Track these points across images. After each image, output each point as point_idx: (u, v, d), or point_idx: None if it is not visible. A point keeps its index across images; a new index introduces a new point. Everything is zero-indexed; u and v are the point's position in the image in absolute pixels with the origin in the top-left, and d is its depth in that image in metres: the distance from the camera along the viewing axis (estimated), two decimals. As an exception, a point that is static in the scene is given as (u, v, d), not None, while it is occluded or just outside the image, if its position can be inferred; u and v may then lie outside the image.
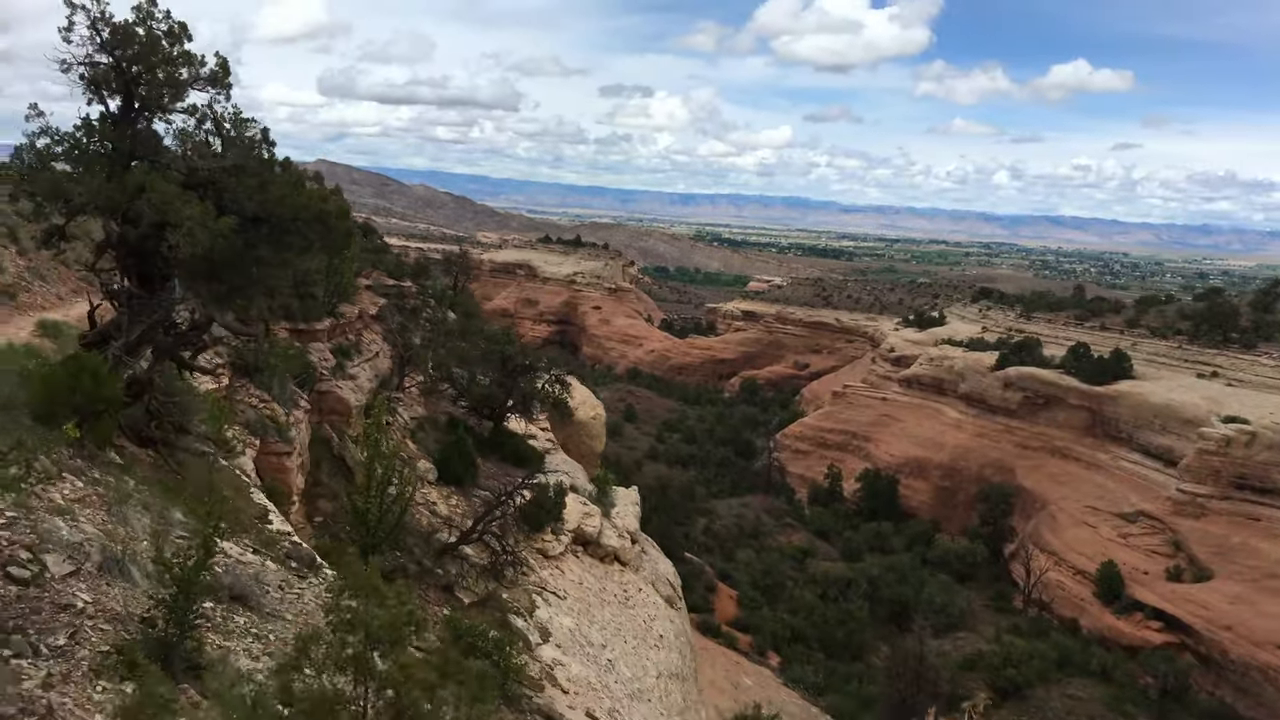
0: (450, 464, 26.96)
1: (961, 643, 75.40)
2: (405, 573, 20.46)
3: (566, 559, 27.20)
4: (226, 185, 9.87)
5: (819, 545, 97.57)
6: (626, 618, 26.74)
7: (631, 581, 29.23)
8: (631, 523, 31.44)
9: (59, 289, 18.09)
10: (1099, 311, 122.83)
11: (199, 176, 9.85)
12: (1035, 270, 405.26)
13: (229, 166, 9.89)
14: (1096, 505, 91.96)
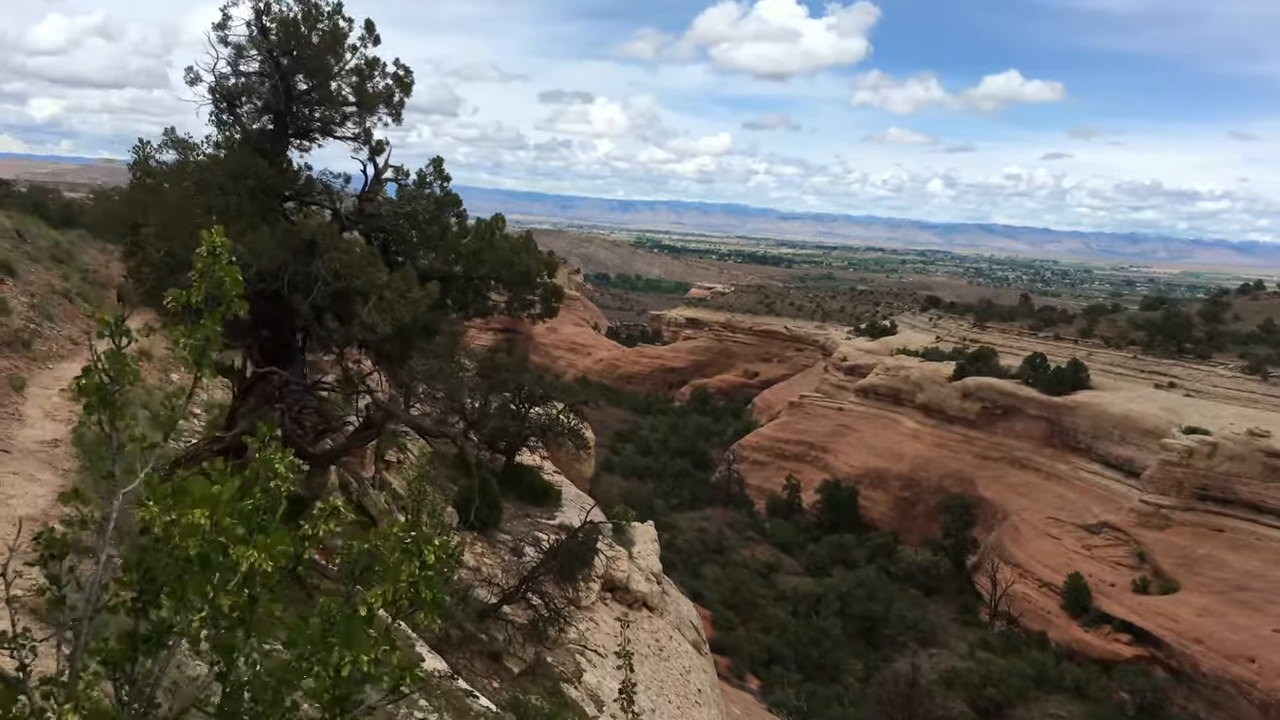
0: (473, 507, 24.74)
1: (936, 659, 74.48)
2: (449, 640, 18.35)
3: (597, 608, 25.13)
4: (401, 234, 7.84)
5: (783, 559, 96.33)
6: (665, 672, 24.75)
7: (661, 629, 27.24)
8: (654, 563, 29.42)
9: (69, 329, 15.63)
10: (1051, 321, 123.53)
11: (370, 224, 7.81)
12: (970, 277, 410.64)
13: (406, 212, 7.82)
14: (1059, 516, 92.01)
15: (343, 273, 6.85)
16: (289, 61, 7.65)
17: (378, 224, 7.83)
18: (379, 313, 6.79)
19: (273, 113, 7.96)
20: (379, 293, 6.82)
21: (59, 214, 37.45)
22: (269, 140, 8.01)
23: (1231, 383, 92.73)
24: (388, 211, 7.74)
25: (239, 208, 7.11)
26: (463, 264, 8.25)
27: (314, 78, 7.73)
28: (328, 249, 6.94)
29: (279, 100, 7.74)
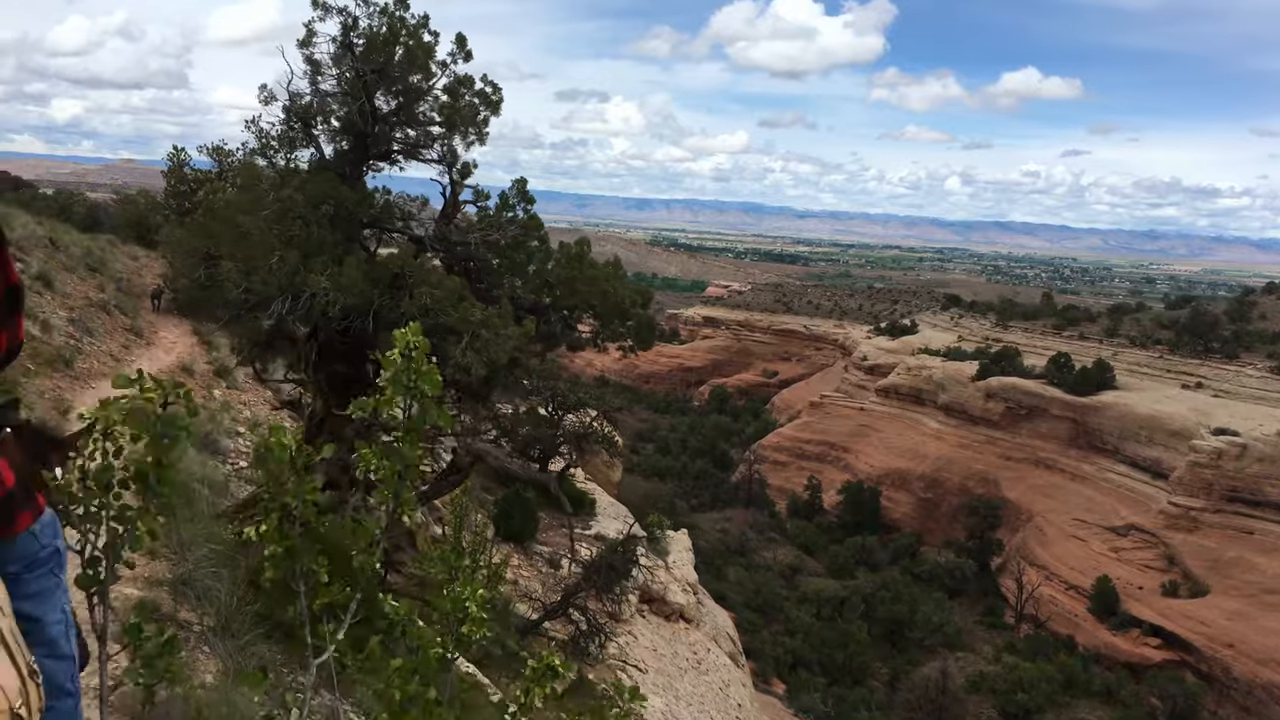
0: (510, 518, 24.32)
1: (963, 663, 73.76)
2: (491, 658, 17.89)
3: (635, 621, 24.66)
4: (486, 262, 7.35)
5: (805, 560, 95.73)
6: (704, 686, 24.27)
7: (699, 641, 26.76)
8: (690, 572, 28.95)
9: (109, 344, 15.23)
10: (1075, 320, 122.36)
11: (455, 253, 7.32)
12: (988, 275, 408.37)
13: (494, 241, 7.31)
14: (1085, 518, 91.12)
15: (433, 309, 6.38)
16: (375, 79, 7.16)
17: (465, 252, 7.34)
18: (474, 352, 6.31)
19: (353, 134, 7.48)
20: (473, 330, 6.35)
21: (85, 217, 37.15)
22: (347, 163, 7.53)
23: (1260, 383, 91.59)
24: (476, 239, 7.25)
25: (320, 238, 6.64)
26: (553, 294, 7.77)
27: (401, 97, 7.25)
28: (418, 283, 6.48)
29: (363, 121, 7.25)
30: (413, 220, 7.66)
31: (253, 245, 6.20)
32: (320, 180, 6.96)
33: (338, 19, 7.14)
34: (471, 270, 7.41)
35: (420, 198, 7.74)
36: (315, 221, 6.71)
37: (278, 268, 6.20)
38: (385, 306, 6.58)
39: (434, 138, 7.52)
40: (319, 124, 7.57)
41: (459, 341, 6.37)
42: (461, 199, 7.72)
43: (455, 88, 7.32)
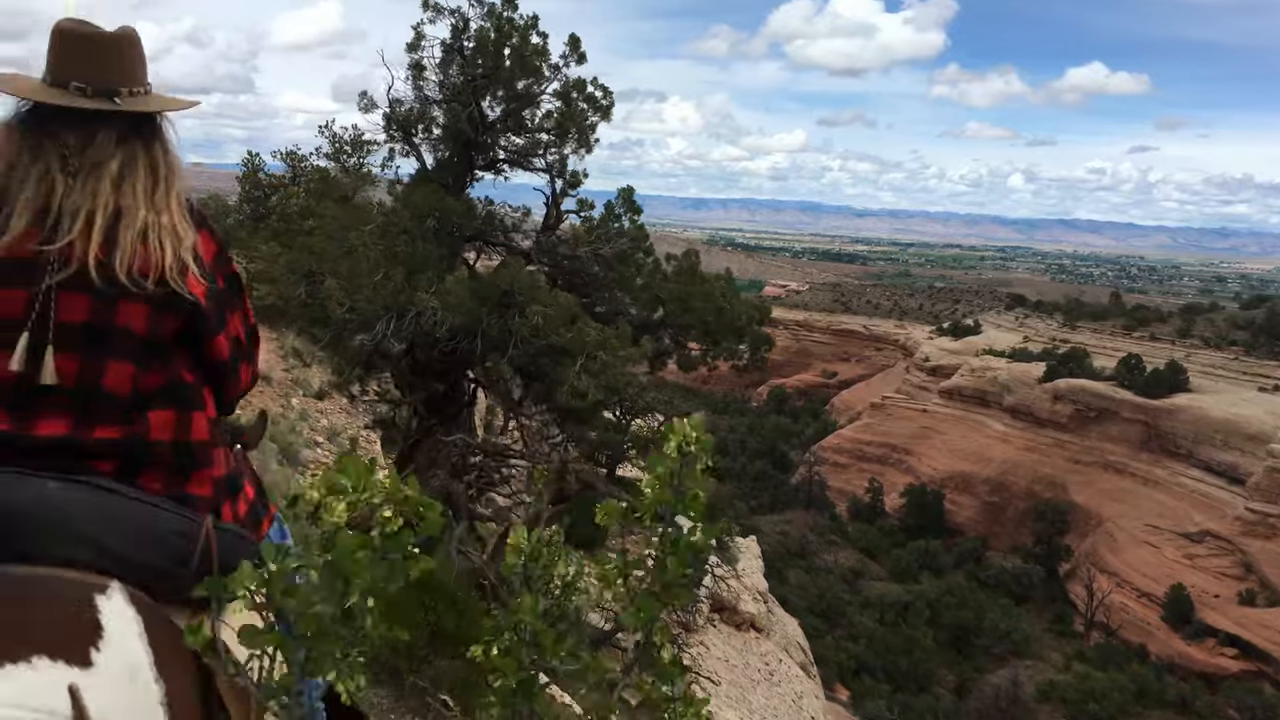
0: (580, 526, 24.04)
1: (1031, 671, 72.24)
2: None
3: (706, 631, 24.19)
4: (595, 277, 7.01)
5: (868, 564, 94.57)
6: (778, 699, 23.75)
7: (770, 651, 26.23)
8: (760, 580, 28.42)
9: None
10: (1146, 320, 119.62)
11: (564, 267, 7.00)
12: (1052, 274, 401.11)
13: (603, 254, 6.95)
14: (1157, 524, 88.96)
15: (544, 329, 6.03)
16: (484, 84, 6.84)
17: (573, 266, 7.00)
18: (590, 376, 5.97)
19: (457, 142, 7.16)
20: (588, 352, 6.00)
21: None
22: (451, 173, 7.21)
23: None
24: (587, 252, 6.89)
25: (425, 253, 6.33)
26: (664, 310, 7.40)
27: (510, 102, 6.92)
28: (528, 301, 6.13)
29: (471, 128, 6.91)
30: (515, 232, 7.33)
31: (357, 262, 5.90)
32: (424, 192, 6.64)
33: (449, 20, 6.82)
34: (577, 285, 7.06)
35: (522, 208, 7.41)
36: (420, 235, 6.40)
37: (382, 285, 5.89)
38: (493, 326, 6.24)
39: (543, 145, 7.17)
40: (420, 132, 7.26)
41: (573, 364, 6.03)
42: (563, 209, 7.39)
43: (567, 92, 6.96)
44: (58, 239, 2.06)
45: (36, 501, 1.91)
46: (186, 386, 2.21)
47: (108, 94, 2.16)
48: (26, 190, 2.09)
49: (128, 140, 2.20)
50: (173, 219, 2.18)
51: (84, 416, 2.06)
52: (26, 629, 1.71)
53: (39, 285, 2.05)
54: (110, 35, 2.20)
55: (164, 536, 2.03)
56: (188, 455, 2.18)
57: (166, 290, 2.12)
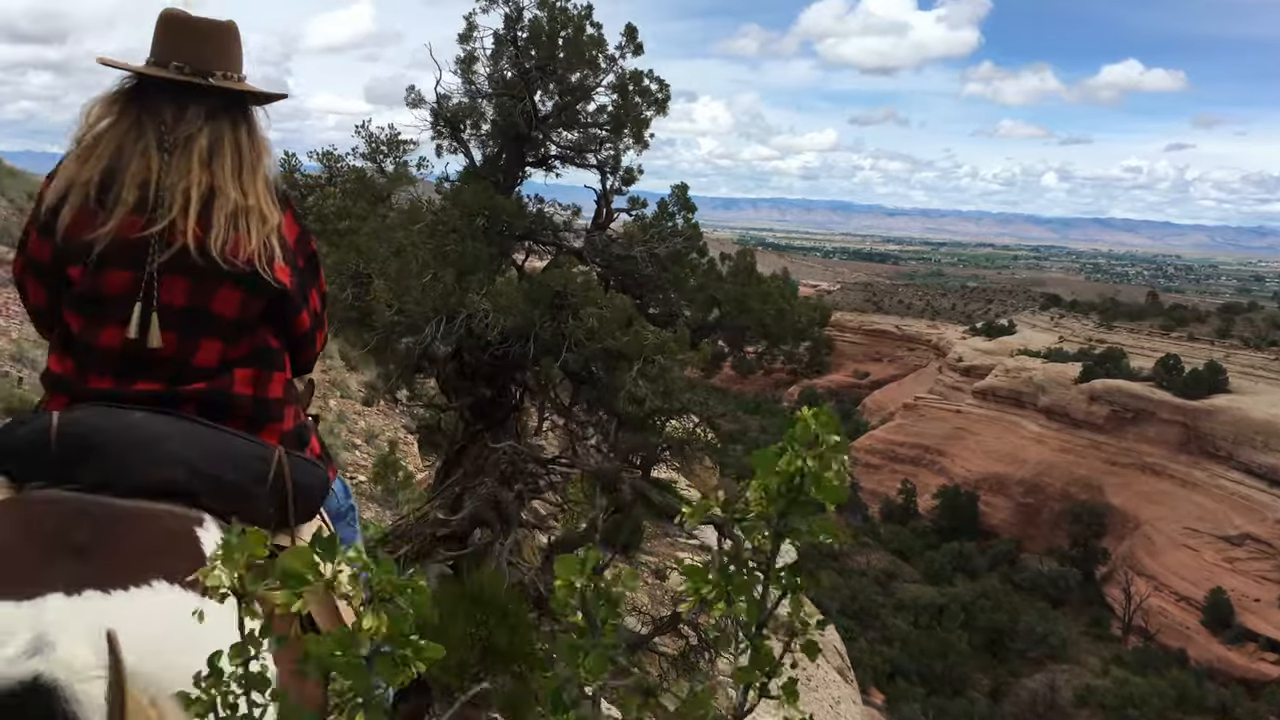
0: (618, 529, 23.83)
1: (1068, 676, 71.40)
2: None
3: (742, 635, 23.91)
4: (648, 277, 6.80)
5: (901, 566, 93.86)
6: (815, 704, 23.39)
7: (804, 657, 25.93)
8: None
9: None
10: (1184, 320, 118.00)
11: (616, 267, 6.79)
12: (1087, 273, 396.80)
13: (657, 254, 6.72)
14: (1196, 527, 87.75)
15: (599, 332, 5.83)
16: (538, 76, 6.63)
17: (625, 266, 6.78)
18: (649, 381, 5.75)
19: (508, 138, 6.97)
20: (646, 356, 5.79)
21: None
22: (499, 170, 7.02)
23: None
24: (642, 252, 6.67)
25: (475, 253, 6.14)
26: (720, 312, 7.17)
27: (565, 96, 6.71)
28: (583, 303, 5.93)
29: (525, 123, 6.71)
30: (565, 231, 7.13)
31: (406, 262, 5.73)
32: (474, 189, 6.44)
33: (502, 9, 6.61)
34: (629, 286, 6.84)
35: (572, 206, 7.22)
36: (470, 235, 6.21)
37: (432, 286, 5.72)
38: (545, 329, 6.05)
39: (596, 140, 6.96)
40: (468, 128, 7.07)
41: (629, 369, 5.82)
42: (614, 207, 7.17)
43: (624, 84, 6.73)
44: (159, 220, 2.27)
45: (131, 428, 2.13)
46: (271, 350, 2.46)
47: (202, 74, 2.37)
48: (132, 166, 2.29)
49: (216, 117, 2.39)
50: (259, 201, 2.36)
51: (176, 380, 2.31)
52: (145, 556, 1.89)
53: (144, 267, 2.27)
54: (209, 22, 2.42)
55: (245, 460, 2.24)
56: (263, 409, 2.41)
57: (256, 277, 2.34)
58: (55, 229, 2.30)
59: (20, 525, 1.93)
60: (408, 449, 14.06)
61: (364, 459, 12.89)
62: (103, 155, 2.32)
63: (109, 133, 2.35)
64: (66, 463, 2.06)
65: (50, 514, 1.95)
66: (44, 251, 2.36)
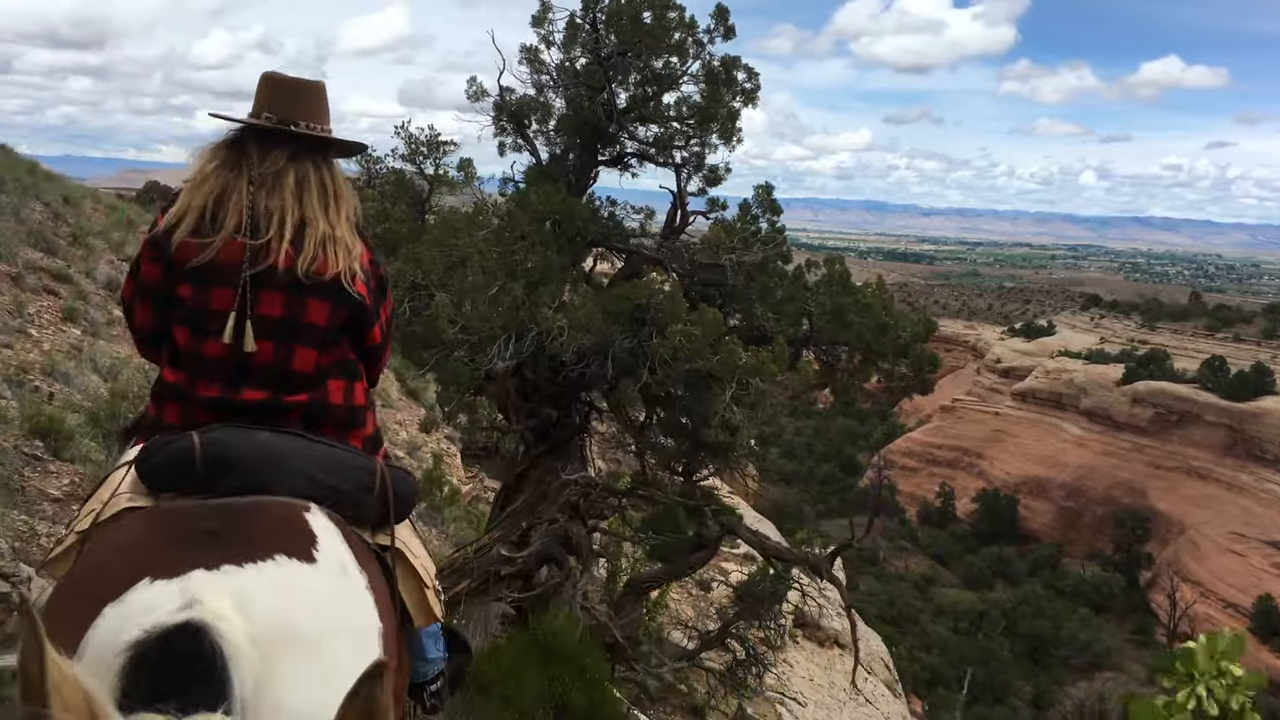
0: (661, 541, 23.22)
1: (1112, 684, 70.01)
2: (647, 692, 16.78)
3: (788, 648, 23.24)
4: (730, 290, 6.19)
5: (940, 571, 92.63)
6: (864, 719, 22.75)
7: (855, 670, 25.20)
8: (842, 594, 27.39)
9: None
10: (1229, 321, 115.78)
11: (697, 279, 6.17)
12: (1125, 273, 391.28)
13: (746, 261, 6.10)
14: (1243, 532, 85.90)
15: (685, 351, 5.21)
16: (620, 63, 6.01)
17: (708, 276, 6.15)
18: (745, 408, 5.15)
19: (580, 133, 6.36)
20: (741, 379, 5.18)
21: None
22: (570, 170, 6.41)
23: None
24: (731, 261, 6.03)
25: (546, 263, 5.56)
26: (814, 325, 6.54)
27: (649, 85, 6.09)
28: (670, 318, 5.31)
29: (604, 115, 6.09)
30: (643, 236, 6.50)
31: (470, 273, 5.17)
32: (544, 191, 5.84)
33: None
34: (709, 297, 6.21)
35: (645, 208, 6.61)
36: (541, 242, 5.63)
37: (499, 300, 5.14)
38: (623, 347, 5.44)
39: (680, 135, 6.33)
40: (534, 122, 6.48)
41: (721, 392, 5.22)
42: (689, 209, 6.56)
43: (714, 72, 6.09)
44: (258, 238, 2.62)
45: (261, 446, 2.45)
46: (352, 363, 2.81)
47: (286, 123, 2.75)
48: (233, 197, 2.65)
49: (298, 158, 2.75)
50: (345, 233, 2.72)
51: (279, 388, 2.64)
52: (268, 536, 2.19)
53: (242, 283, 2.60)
54: (297, 81, 2.82)
55: (353, 471, 2.58)
56: (352, 415, 2.78)
57: (340, 289, 2.67)
58: (167, 252, 2.66)
59: (166, 524, 2.27)
60: (450, 460, 13.56)
61: (408, 472, 12.41)
62: (207, 189, 2.68)
63: (214, 171, 2.71)
64: (210, 478, 2.39)
65: (187, 513, 2.28)
66: (154, 273, 2.72)
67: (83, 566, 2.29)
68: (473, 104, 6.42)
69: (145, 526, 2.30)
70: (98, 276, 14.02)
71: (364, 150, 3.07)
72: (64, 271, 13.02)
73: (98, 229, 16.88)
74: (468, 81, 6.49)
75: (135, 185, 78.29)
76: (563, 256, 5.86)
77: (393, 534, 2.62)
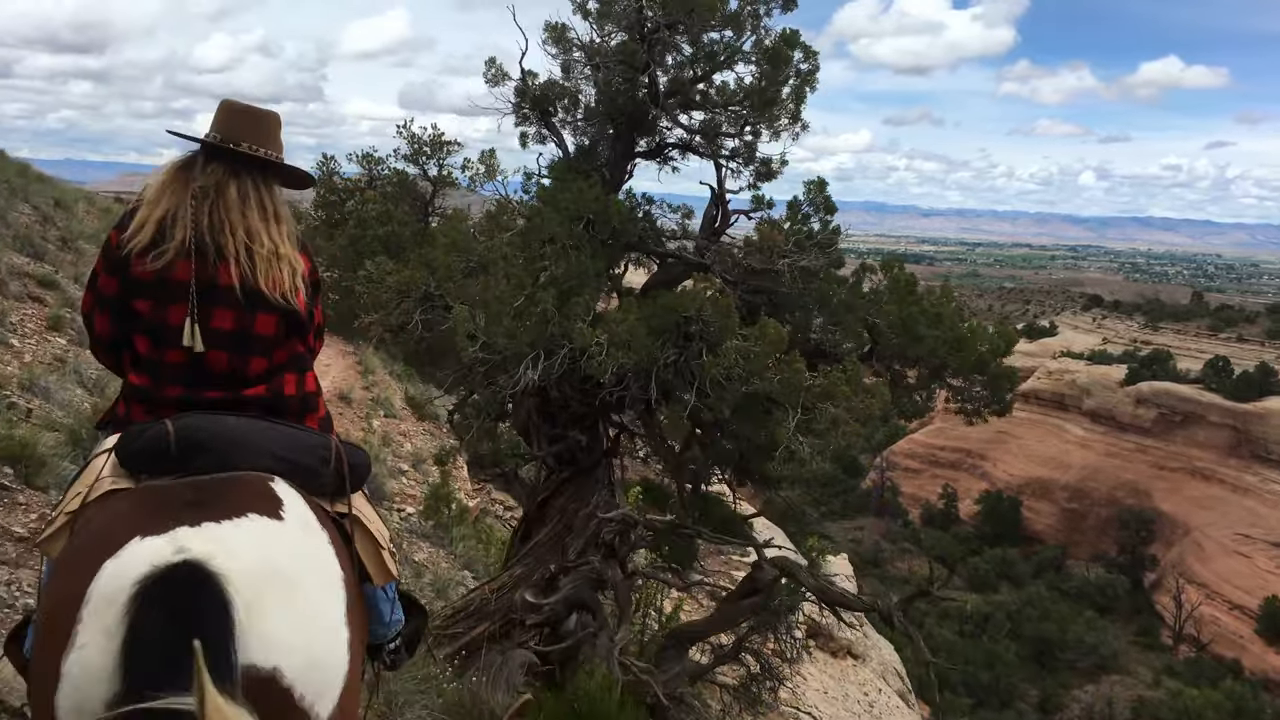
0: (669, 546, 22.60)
1: (1119, 687, 69.49)
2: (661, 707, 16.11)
3: (802, 660, 22.60)
4: (783, 298, 5.55)
5: (943, 573, 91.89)
6: (882, 732, 22.10)
7: (868, 680, 24.48)
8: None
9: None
10: (1232, 321, 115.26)
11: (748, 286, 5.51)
12: (1125, 273, 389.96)
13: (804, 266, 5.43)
14: (1249, 533, 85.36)
15: (745, 372, 4.56)
16: (667, 37, 5.33)
17: (762, 283, 5.50)
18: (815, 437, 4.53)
19: (615, 122, 5.70)
20: (809, 403, 4.54)
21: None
22: (605, 164, 5.75)
23: None
24: (788, 267, 5.36)
25: (580, 268, 4.90)
26: (879, 339, 5.87)
27: (698, 64, 5.42)
28: (722, 333, 4.65)
29: (648, 98, 5.41)
30: (683, 238, 5.85)
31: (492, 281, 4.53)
32: (578, 188, 5.17)
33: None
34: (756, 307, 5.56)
35: (682, 207, 5.96)
36: (572, 245, 4.98)
37: (526, 313, 4.50)
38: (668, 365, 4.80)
39: (735, 122, 5.65)
40: (561, 109, 5.83)
41: (786, 419, 4.58)
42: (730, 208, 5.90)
43: (777, 48, 5.40)
44: (207, 254, 2.84)
45: (229, 429, 2.72)
46: (301, 355, 3.06)
47: (230, 142, 2.96)
48: (177, 212, 2.88)
49: (239, 175, 2.95)
50: (289, 250, 2.95)
51: (237, 388, 2.91)
52: (239, 500, 2.46)
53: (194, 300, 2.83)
54: (246, 107, 3.05)
55: (310, 447, 2.84)
56: (306, 403, 3.05)
57: (286, 305, 2.92)
58: (123, 267, 2.85)
59: (149, 499, 2.50)
60: (458, 472, 12.91)
61: (411, 486, 11.76)
62: (161, 206, 2.86)
63: (167, 189, 2.90)
64: (183, 459, 2.60)
65: (166, 489, 2.52)
66: (112, 286, 2.91)
67: (79, 539, 2.51)
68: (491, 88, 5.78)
69: (131, 502, 2.52)
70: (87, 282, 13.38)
71: (311, 183, 3.19)
72: (50, 277, 12.38)
73: (89, 232, 16.24)
74: (486, 64, 5.83)
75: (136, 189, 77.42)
76: (597, 261, 5.21)
77: (349, 502, 2.83)
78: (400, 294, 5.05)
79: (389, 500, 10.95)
